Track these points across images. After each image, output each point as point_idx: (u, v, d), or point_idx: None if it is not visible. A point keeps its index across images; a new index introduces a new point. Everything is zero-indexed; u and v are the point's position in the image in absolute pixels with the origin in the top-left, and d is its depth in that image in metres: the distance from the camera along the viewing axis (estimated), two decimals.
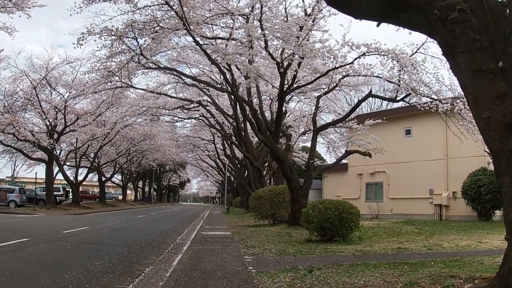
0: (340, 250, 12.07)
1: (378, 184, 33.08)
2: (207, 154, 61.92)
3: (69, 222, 23.15)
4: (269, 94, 30.39)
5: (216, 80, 29.58)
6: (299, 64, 17.96)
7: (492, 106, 5.02)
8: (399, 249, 12.45)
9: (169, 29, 17.33)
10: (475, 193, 24.51)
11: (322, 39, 17.01)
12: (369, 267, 9.02)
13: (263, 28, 16.28)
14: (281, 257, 10.97)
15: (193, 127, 48.32)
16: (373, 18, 6.54)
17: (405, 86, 17.73)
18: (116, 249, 12.57)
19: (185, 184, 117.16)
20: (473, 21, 5.10)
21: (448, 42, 5.30)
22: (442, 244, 13.59)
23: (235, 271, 8.81)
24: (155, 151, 57.79)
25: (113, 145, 48.15)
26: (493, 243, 13.70)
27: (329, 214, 13.83)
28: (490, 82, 5.03)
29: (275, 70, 20.53)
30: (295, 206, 19.73)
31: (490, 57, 5.08)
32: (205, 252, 11.90)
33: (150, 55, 19.37)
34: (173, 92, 32.63)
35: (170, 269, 9.36)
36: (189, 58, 27.94)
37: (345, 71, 18.99)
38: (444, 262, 9.66)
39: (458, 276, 6.83)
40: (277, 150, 21.24)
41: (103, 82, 22.42)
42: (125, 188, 73.79)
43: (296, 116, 34.07)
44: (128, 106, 34.54)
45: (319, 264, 9.56)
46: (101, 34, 16.94)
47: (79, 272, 8.72)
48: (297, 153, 39.43)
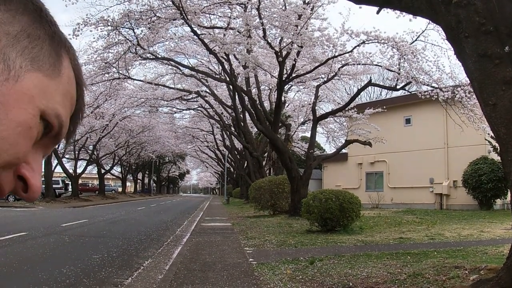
0: (341, 241, 11.97)
1: (378, 174, 32.97)
2: (206, 145, 61.81)
3: (68, 215, 23.06)
4: (268, 84, 30.18)
5: (215, 71, 29.40)
6: (298, 53, 17.80)
7: (499, 92, 4.86)
8: (401, 239, 12.34)
9: (166, 19, 17.16)
10: (476, 182, 24.40)
11: (321, 28, 16.84)
12: (372, 257, 8.90)
13: (261, 17, 16.10)
14: (281, 248, 10.86)
15: (192, 118, 48.16)
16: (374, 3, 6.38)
17: (405, 75, 17.55)
18: (114, 242, 12.47)
19: (184, 176, 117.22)
20: (477, 5, 4.93)
21: (452, 27, 5.13)
22: (444, 234, 13.48)
23: (236, 263, 8.70)
24: (154, 143, 57.60)
25: (111, 137, 47.90)
26: (496, 232, 13.58)
27: (330, 204, 13.71)
28: (497, 67, 4.87)
29: (274, 59, 20.36)
30: (295, 197, 19.62)
31: (496, 41, 4.91)
32: (205, 244, 11.79)
33: (147, 45, 19.20)
34: (171, 83, 32.47)
35: (169, 261, 9.24)
36: (187, 48, 27.71)
37: (345, 60, 18.82)
38: (447, 252, 9.54)
39: (463, 266, 6.71)
40: (277, 140, 21.09)
41: (101, 74, 22.25)
42: (124, 180, 73.69)
43: (295, 106, 33.92)
44: (126, 97, 34.36)
45: (320, 255, 9.44)
46: (97, 24, 16.76)
47: (76, 266, 8.60)
48: (297, 143, 39.35)
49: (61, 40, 0.69)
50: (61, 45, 0.69)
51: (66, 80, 0.68)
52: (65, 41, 0.70)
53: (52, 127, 0.65)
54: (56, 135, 0.67)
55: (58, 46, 0.68)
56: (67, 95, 0.68)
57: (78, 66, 0.73)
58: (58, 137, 0.68)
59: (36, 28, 0.65)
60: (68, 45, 0.71)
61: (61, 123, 0.66)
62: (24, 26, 0.64)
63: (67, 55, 0.70)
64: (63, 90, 0.67)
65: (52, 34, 0.67)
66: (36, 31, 0.65)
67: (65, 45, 0.70)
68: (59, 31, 0.70)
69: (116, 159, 59.71)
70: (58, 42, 0.68)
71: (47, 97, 0.64)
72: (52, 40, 0.67)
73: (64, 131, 0.68)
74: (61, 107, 0.66)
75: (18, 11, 0.64)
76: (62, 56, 0.69)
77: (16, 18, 0.63)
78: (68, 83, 0.69)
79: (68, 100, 0.69)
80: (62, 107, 0.67)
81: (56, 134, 0.67)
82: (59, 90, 0.66)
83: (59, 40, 0.68)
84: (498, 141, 5.09)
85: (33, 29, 0.65)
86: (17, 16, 0.64)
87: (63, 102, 0.67)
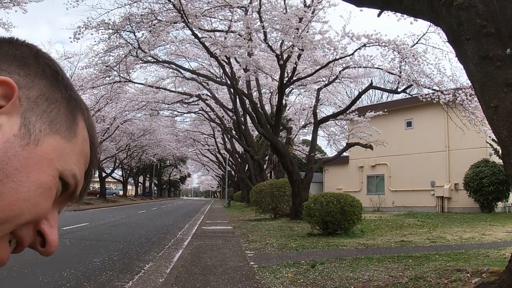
0: (342, 244, 11.94)
1: (379, 177, 32.94)
2: (207, 149, 61.72)
3: (69, 218, 23.01)
4: (269, 87, 30.19)
5: (216, 74, 29.41)
6: (299, 56, 17.79)
7: (501, 95, 4.84)
8: (402, 242, 12.31)
9: (167, 22, 17.17)
10: (477, 185, 24.35)
11: (322, 31, 16.85)
12: (373, 261, 8.87)
13: (262, 20, 16.11)
14: (283, 252, 10.84)
15: (193, 121, 48.11)
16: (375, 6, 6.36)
17: (406, 77, 17.53)
18: (115, 246, 12.45)
19: (185, 179, 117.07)
20: (479, 7, 4.91)
21: (453, 29, 5.12)
22: (445, 237, 13.45)
23: (237, 267, 8.67)
24: (155, 146, 57.59)
25: (112, 140, 47.88)
26: (497, 235, 13.54)
27: (331, 208, 13.68)
28: (498, 69, 4.85)
29: (275, 62, 20.35)
30: (296, 200, 19.59)
31: (497, 43, 4.90)
32: (206, 247, 11.76)
33: (148, 48, 19.21)
34: (172, 86, 32.44)
35: (170, 265, 9.22)
36: (187, 51, 27.70)
37: (346, 63, 18.82)
38: (449, 255, 9.51)
39: (465, 269, 6.68)
40: (278, 143, 21.06)
41: (102, 77, 22.29)
42: (125, 184, 73.67)
43: (296, 109, 33.89)
44: (127, 101, 34.37)
45: (321, 258, 9.42)
46: (98, 27, 16.80)
47: (77, 269, 8.58)
48: (298, 146, 39.28)
49: (76, 103, 0.72)
50: (76, 107, 0.72)
51: (81, 141, 0.72)
52: (80, 103, 0.74)
53: (68, 186, 0.69)
54: (72, 193, 0.71)
55: (74, 108, 0.72)
56: (82, 155, 0.72)
57: (92, 126, 0.76)
58: (74, 195, 0.71)
59: (53, 91, 0.69)
60: (83, 106, 0.74)
61: (77, 182, 0.70)
62: (42, 90, 0.68)
63: (82, 117, 0.73)
64: (78, 151, 0.71)
65: (68, 97, 0.71)
66: (53, 95, 0.69)
67: (80, 107, 0.73)
68: (75, 93, 0.73)
69: (117, 163, 59.71)
70: (74, 105, 0.72)
71: (65, 159, 0.67)
72: (69, 103, 0.71)
73: (79, 188, 0.72)
74: (77, 167, 0.70)
75: (37, 75, 0.68)
76: (78, 118, 0.72)
77: (35, 82, 0.67)
78: (83, 143, 0.72)
79: (83, 159, 0.72)
80: (77, 167, 0.70)
81: (72, 192, 0.70)
82: (75, 151, 0.70)
83: (74, 103, 0.72)
84: (500, 143, 5.06)
85: (51, 92, 0.68)
86: (36, 80, 0.67)
87: (79, 162, 0.71)
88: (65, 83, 0.71)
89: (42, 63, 0.70)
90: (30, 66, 0.68)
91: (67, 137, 0.68)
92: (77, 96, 0.73)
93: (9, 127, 0.62)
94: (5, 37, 0.70)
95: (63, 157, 0.67)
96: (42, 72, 0.69)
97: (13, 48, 0.69)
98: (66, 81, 0.72)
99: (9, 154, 0.61)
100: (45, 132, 0.65)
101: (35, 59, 0.69)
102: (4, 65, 0.66)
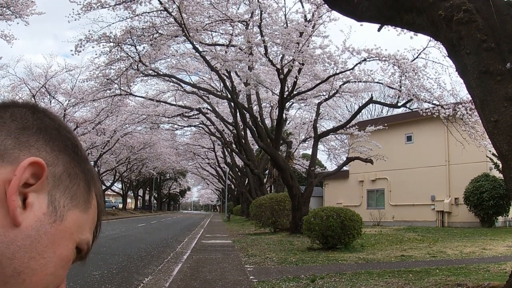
0: (342, 258, 11.88)
1: (379, 191, 32.87)
2: (207, 162, 61.65)
3: None
4: (269, 101, 30.25)
5: (216, 88, 29.48)
6: (299, 70, 17.84)
7: (501, 109, 4.86)
8: (402, 257, 12.26)
9: (168, 35, 17.25)
10: (477, 199, 24.28)
11: (322, 45, 16.95)
12: (373, 275, 8.82)
13: (263, 34, 16.18)
14: (282, 266, 10.78)
15: (193, 135, 48.15)
16: (375, 21, 6.39)
17: (406, 92, 17.58)
18: (114, 259, 12.38)
19: (185, 192, 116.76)
20: (479, 22, 4.95)
21: (453, 43, 5.15)
22: (446, 251, 13.39)
23: (236, 281, 8.62)
24: (155, 159, 57.55)
25: (112, 153, 47.90)
26: (498, 250, 13.49)
27: (331, 222, 13.64)
28: (498, 84, 4.87)
29: (275, 76, 20.42)
30: (296, 214, 19.53)
31: (497, 58, 4.93)
32: (205, 261, 11.70)
33: (149, 62, 19.29)
34: (173, 99, 32.51)
35: (169, 279, 9.16)
36: (188, 65, 27.81)
37: (346, 77, 18.89)
38: (449, 269, 9.46)
39: (465, 284, 6.65)
40: (278, 157, 21.05)
41: (102, 90, 22.35)
42: (125, 197, 73.43)
43: (296, 123, 33.95)
44: (128, 114, 34.37)
45: (321, 272, 9.36)
46: (100, 40, 16.88)
47: (76, 282, 8.52)
48: (298, 160, 39.27)
49: (91, 175, 0.75)
50: (91, 179, 0.74)
51: (94, 210, 0.75)
52: (94, 174, 0.76)
53: (81, 252, 0.73)
54: (82, 257, 0.74)
55: (89, 181, 0.74)
56: (93, 222, 0.75)
57: (100, 192, 0.78)
58: (85, 257, 0.75)
59: (74, 166, 0.71)
60: (95, 177, 0.76)
61: (89, 248, 0.74)
62: (65, 166, 0.69)
63: (94, 187, 0.75)
64: (92, 220, 0.74)
65: (85, 171, 0.73)
66: (74, 169, 0.71)
67: (93, 178, 0.75)
68: (90, 166, 0.76)
69: (117, 176, 59.66)
70: (90, 177, 0.74)
71: (82, 231, 0.71)
72: (86, 176, 0.73)
73: (89, 251, 0.75)
74: (90, 234, 0.74)
75: (61, 151, 0.70)
76: (92, 190, 0.74)
77: (59, 158, 0.69)
78: (94, 212, 0.75)
79: (93, 225, 0.75)
80: (90, 234, 0.74)
81: (83, 255, 0.74)
82: (89, 221, 0.73)
83: (90, 176, 0.74)
84: (500, 158, 5.07)
85: (72, 167, 0.71)
86: (60, 156, 0.69)
87: (91, 229, 0.74)
88: (83, 157, 0.74)
89: (63, 136, 0.72)
90: (55, 141, 0.69)
91: (85, 209, 0.71)
92: (91, 167, 0.76)
93: (38, 206, 0.64)
94: (24, 103, 0.72)
95: (80, 229, 0.70)
96: (65, 147, 0.71)
97: (37, 120, 0.70)
98: (84, 153, 0.74)
99: (41, 232, 0.64)
100: (67, 208, 0.68)
101: (57, 132, 0.71)
102: (33, 140, 0.67)
